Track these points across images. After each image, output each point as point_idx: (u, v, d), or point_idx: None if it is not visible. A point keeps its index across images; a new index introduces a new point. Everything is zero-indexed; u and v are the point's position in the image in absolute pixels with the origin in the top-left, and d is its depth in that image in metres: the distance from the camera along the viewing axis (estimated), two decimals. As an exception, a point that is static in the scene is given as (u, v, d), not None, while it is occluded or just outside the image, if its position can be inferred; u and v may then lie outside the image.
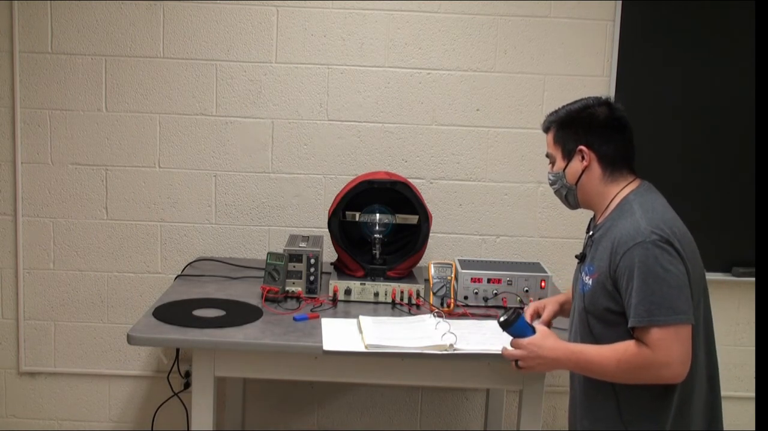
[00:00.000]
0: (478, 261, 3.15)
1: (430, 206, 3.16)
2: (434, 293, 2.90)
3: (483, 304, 2.95)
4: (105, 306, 3.56)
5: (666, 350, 2.03)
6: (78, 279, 3.54)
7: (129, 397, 3.63)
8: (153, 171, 3.48)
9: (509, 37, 3.42)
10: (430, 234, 3.09)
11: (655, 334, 2.03)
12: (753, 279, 3.32)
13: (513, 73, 3.44)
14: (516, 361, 2.28)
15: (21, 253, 3.51)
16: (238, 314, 2.73)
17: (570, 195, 2.32)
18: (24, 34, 3.39)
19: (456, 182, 3.50)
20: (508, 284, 2.96)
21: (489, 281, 2.96)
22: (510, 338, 2.31)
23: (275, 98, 3.44)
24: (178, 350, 3.33)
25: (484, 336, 2.58)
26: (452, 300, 2.89)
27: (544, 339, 2.24)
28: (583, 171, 2.25)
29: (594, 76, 3.42)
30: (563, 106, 2.33)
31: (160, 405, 3.47)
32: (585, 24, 3.40)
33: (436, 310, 2.83)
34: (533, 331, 2.27)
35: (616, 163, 2.24)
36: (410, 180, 3.17)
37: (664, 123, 3.41)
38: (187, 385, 3.39)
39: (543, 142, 3.34)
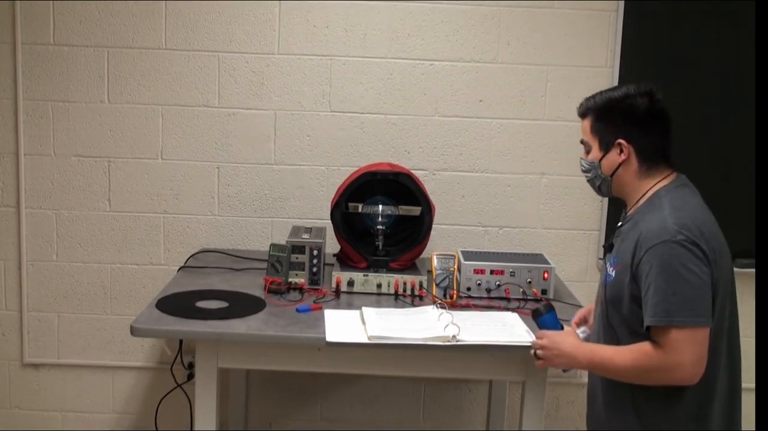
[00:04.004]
0: (480, 253, 3.14)
1: (433, 198, 3.14)
2: (437, 285, 2.89)
3: (486, 295, 2.94)
4: (108, 298, 3.56)
5: (680, 351, 2.01)
6: (81, 271, 3.54)
7: (132, 388, 3.64)
8: (156, 163, 3.48)
9: (512, 28, 3.40)
10: (433, 226, 3.08)
11: (672, 335, 2.01)
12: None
13: (516, 64, 3.42)
14: (536, 352, 2.30)
15: (24, 245, 3.51)
16: (241, 305, 2.72)
17: (604, 185, 2.28)
18: (26, 26, 3.38)
19: (459, 174, 3.49)
20: (510, 275, 2.95)
21: (492, 272, 2.96)
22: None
23: (278, 90, 3.43)
24: (181, 341, 3.32)
25: (487, 327, 2.58)
26: (455, 292, 2.89)
27: (567, 336, 2.26)
28: (620, 164, 2.21)
29: (597, 67, 3.41)
30: (602, 92, 2.26)
31: (164, 397, 3.47)
32: (588, 15, 3.38)
33: (439, 301, 2.82)
34: (561, 328, 2.31)
35: (654, 157, 2.19)
36: (413, 171, 3.15)
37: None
38: (191, 376, 3.38)
39: (545, 133, 3.45)
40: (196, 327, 2.54)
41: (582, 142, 2.31)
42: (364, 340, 2.47)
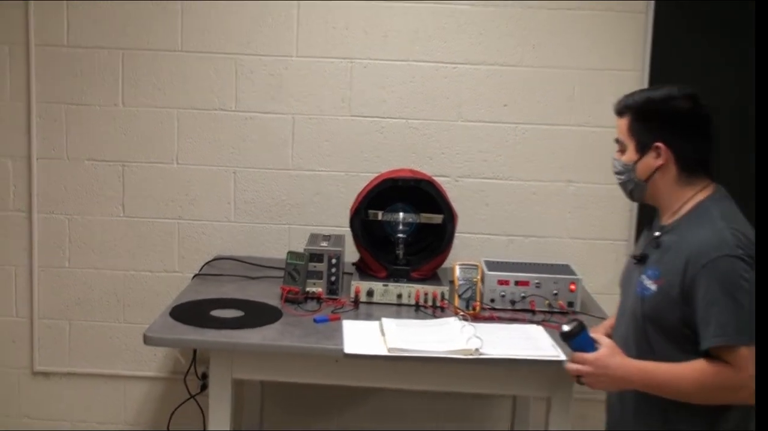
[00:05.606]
0: (505, 263, 3.10)
1: (456, 205, 3.10)
2: (459, 296, 2.85)
3: (510, 307, 2.91)
4: (121, 305, 3.56)
5: (748, 369, 1.93)
6: (93, 278, 3.54)
7: (145, 399, 3.62)
8: (171, 167, 3.47)
9: (538, 30, 3.35)
10: (456, 234, 3.05)
11: (741, 352, 1.94)
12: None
13: (542, 67, 3.38)
14: (579, 376, 2.18)
15: (36, 251, 3.51)
16: (257, 315, 2.71)
17: (637, 190, 2.20)
18: (39, 27, 3.38)
19: (482, 181, 3.45)
20: (536, 286, 2.92)
21: (516, 283, 2.92)
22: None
23: (296, 93, 3.41)
24: (195, 351, 3.30)
25: (512, 341, 2.55)
26: (478, 303, 2.85)
27: (611, 356, 2.11)
28: (656, 169, 2.13)
29: (626, 70, 3.35)
30: (643, 91, 2.20)
31: (177, 408, 3.43)
32: (616, 16, 3.33)
33: (461, 313, 2.79)
34: (596, 346, 2.15)
35: (694, 165, 2.12)
36: (435, 178, 3.13)
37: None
38: (204, 387, 3.34)
39: (572, 139, 3.40)
40: (211, 336, 2.53)
41: (617, 140, 2.23)
42: (384, 352, 2.44)
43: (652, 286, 2.10)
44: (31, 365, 3.59)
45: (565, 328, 2.16)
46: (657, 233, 2.18)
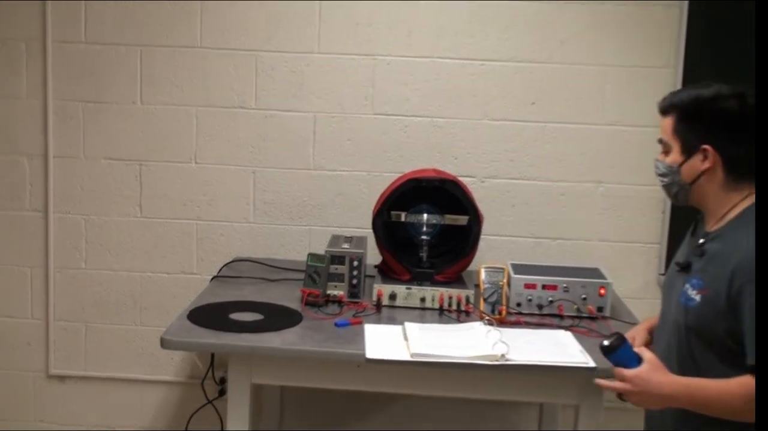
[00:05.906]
0: (532, 266, 3.05)
1: (482, 207, 3.06)
2: (485, 300, 2.81)
3: (537, 312, 2.86)
4: (138, 308, 3.54)
5: None
6: (110, 279, 3.52)
7: (162, 403, 3.61)
8: (189, 167, 3.45)
9: (566, 26, 3.30)
10: (481, 236, 3.00)
11: None
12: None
13: (571, 64, 3.32)
14: (620, 395, 2.08)
15: (52, 251, 3.50)
16: (277, 318, 2.69)
17: (681, 193, 2.12)
18: (57, 23, 3.37)
19: (509, 181, 3.40)
20: (564, 291, 2.86)
21: (544, 287, 2.87)
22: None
23: (318, 91, 3.38)
24: (213, 355, 3.29)
25: (539, 346, 2.50)
26: (504, 307, 2.80)
27: (653, 372, 2.01)
28: (702, 172, 2.04)
29: (660, 67, 3.28)
30: (689, 89, 2.10)
31: (194, 413, 3.42)
32: (649, 11, 3.27)
33: (487, 317, 2.74)
34: (638, 361, 2.04)
35: (743, 169, 2.02)
36: (460, 178, 3.07)
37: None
38: (222, 392, 3.33)
39: (602, 138, 3.33)
40: (229, 340, 2.51)
41: (660, 141, 2.14)
42: (407, 357, 2.41)
43: (696, 296, 2.01)
44: (47, 368, 3.58)
45: (605, 343, 2.07)
46: (701, 241, 2.09)
